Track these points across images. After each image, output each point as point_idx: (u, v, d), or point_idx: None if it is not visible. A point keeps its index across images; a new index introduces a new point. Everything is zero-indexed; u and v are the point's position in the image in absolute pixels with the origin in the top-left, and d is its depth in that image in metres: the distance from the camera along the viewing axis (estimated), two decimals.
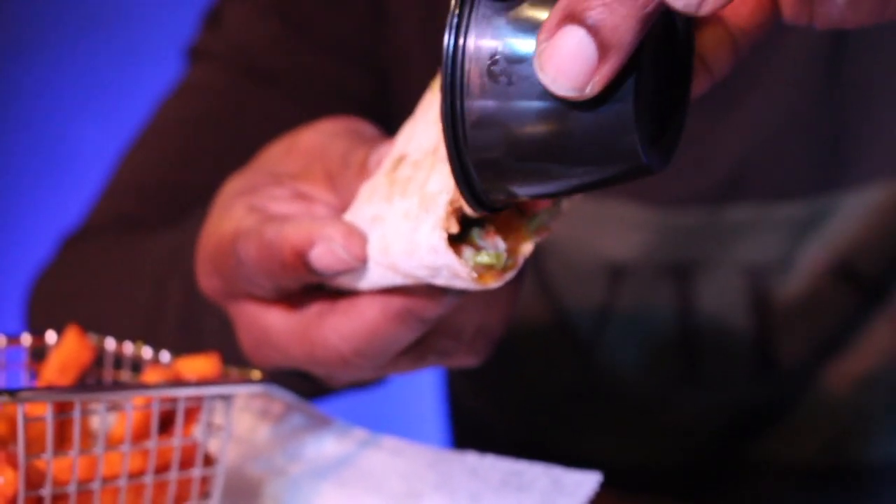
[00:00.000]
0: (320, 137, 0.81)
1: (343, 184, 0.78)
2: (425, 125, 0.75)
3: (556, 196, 0.71)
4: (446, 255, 0.71)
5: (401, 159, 0.75)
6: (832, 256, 1.07)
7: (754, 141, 1.07)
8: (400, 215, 0.73)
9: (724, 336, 1.10)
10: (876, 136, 1.05)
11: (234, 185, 0.81)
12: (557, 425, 1.18)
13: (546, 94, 0.64)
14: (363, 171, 0.78)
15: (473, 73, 0.65)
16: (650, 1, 0.61)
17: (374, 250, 0.74)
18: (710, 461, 1.15)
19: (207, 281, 0.81)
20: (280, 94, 1.13)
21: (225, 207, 0.80)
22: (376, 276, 0.75)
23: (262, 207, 0.78)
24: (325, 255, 0.74)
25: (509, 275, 0.72)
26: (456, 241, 0.71)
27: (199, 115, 1.14)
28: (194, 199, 1.04)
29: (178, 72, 1.18)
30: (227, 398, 0.78)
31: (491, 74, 0.65)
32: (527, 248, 0.73)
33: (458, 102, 0.66)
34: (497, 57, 0.65)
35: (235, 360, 0.82)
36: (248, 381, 0.80)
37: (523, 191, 0.68)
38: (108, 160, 1.17)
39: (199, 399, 0.78)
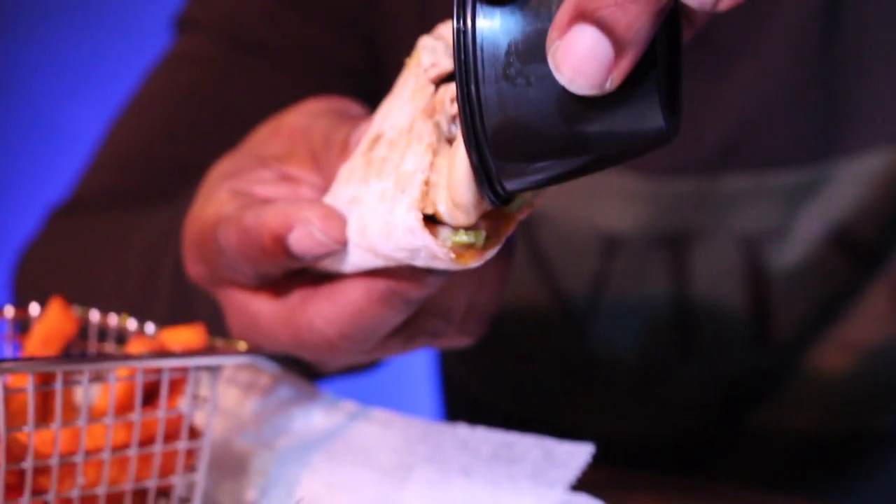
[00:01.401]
0: (304, 118, 0.80)
1: (326, 164, 0.78)
2: (401, 102, 0.74)
3: (573, 178, 0.70)
4: (422, 236, 0.69)
5: (377, 139, 0.74)
6: (829, 225, 1.06)
7: (749, 109, 1.06)
8: (376, 196, 0.72)
9: (719, 306, 1.09)
10: (872, 103, 1.04)
11: (219, 169, 0.81)
12: (552, 399, 1.17)
13: (565, 90, 0.63)
14: (345, 151, 0.77)
15: (489, 73, 0.65)
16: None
17: (353, 232, 0.73)
18: (707, 433, 1.14)
19: (193, 267, 0.80)
20: (269, 64, 1.12)
21: (210, 191, 0.79)
22: (357, 258, 0.73)
23: (246, 191, 0.77)
24: (304, 238, 0.73)
25: (490, 253, 0.71)
26: (433, 221, 0.70)
27: (187, 85, 1.12)
28: (182, 171, 1.03)
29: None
30: (212, 369, 0.78)
31: (507, 77, 0.64)
32: (510, 225, 0.72)
33: (472, 90, 0.65)
34: (511, 59, 0.64)
35: None
36: (235, 352, 0.79)
37: (541, 179, 0.67)
38: (98, 136, 1.16)
39: (185, 370, 0.77)
